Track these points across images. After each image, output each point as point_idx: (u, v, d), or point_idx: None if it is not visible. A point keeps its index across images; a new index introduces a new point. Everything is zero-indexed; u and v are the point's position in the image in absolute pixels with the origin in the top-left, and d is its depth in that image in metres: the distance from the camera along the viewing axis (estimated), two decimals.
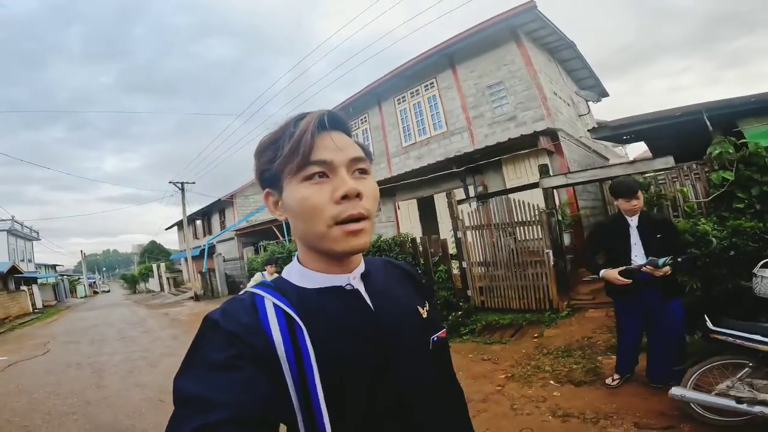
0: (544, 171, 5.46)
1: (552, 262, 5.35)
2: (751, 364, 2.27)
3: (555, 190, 6.91)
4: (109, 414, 4.16)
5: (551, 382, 3.53)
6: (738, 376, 2.30)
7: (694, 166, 4.50)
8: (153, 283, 36.66)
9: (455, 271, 6.56)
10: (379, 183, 10.53)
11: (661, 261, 2.61)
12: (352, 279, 0.66)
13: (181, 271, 30.95)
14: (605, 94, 13.91)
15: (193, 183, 19.75)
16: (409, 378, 0.64)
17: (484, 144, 8.63)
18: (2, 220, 24.73)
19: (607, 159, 12.55)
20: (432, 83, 10.55)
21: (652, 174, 4.71)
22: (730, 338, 2.24)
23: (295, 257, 0.69)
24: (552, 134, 7.63)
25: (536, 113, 8.34)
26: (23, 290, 21.93)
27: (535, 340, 4.72)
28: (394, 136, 11.53)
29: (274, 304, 0.60)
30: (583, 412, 2.89)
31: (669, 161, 4.63)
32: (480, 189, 8.45)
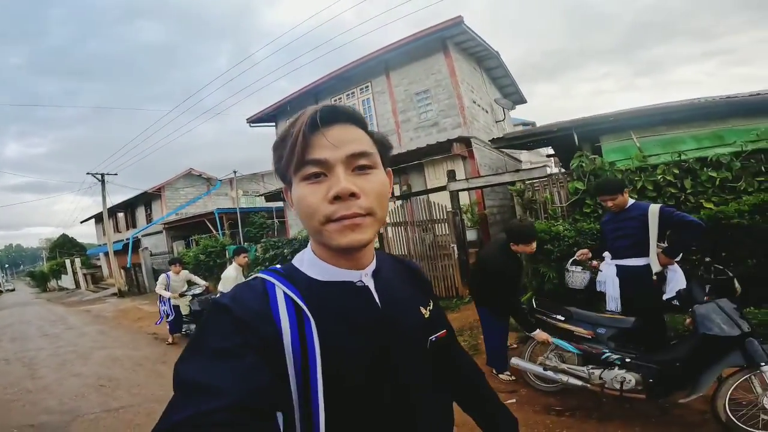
0: (451, 176, 6.36)
1: (456, 255, 6.30)
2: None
3: (467, 191, 7.95)
4: (53, 399, 4.37)
5: None
6: (550, 349, 3.00)
7: (560, 176, 5.62)
8: (67, 280, 33.54)
9: None
10: None
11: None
12: (364, 276, 0.67)
13: (100, 266, 28.83)
14: (523, 101, 15.50)
15: (115, 174, 18.62)
16: (407, 376, 0.66)
17: (409, 147, 9.47)
18: None
19: (519, 161, 14.09)
20: (367, 87, 11.16)
21: (530, 181, 5.79)
22: (543, 316, 3.00)
23: (308, 247, 0.70)
24: (466, 141, 8.65)
25: (455, 121, 9.34)
26: None
27: None
28: None
29: (285, 294, 0.61)
30: None
31: (543, 171, 5.72)
32: (405, 189, 9.30)
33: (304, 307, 0.59)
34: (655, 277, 2.81)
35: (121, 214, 24.54)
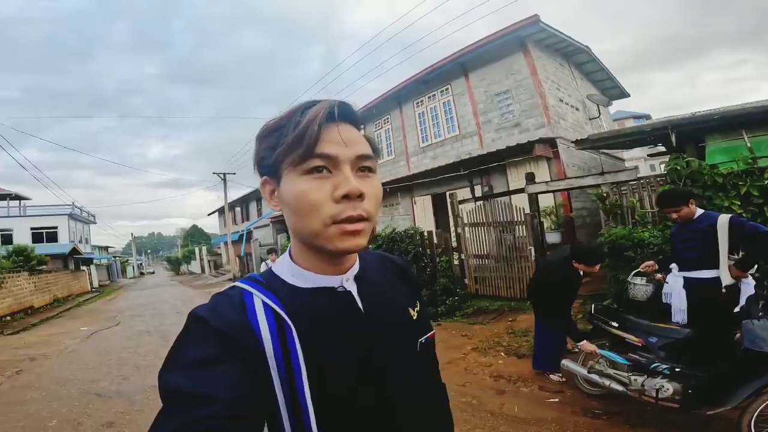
0: (529, 178, 6.31)
1: (533, 258, 6.25)
2: (607, 344, 3.02)
3: (552, 193, 7.75)
4: None
5: (502, 353, 4.58)
6: (600, 354, 2.99)
7: (651, 179, 5.26)
8: (194, 266, 39.31)
9: (455, 262, 7.57)
10: (399, 180, 11.42)
11: None
12: (345, 281, 0.65)
13: (220, 254, 33.29)
14: (624, 95, 14.16)
15: (234, 174, 21.57)
16: (394, 379, 0.65)
17: (490, 148, 9.46)
18: (65, 205, 27.22)
19: (622, 160, 12.89)
20: (447, 89, 11.37)
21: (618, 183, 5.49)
22: (599, 322, 3.05)
23: (287, 252, 0.68)
24: (550, 142, 8.38)
25: (538, 121, 9.08)
26: (83, 270, 24.58)
27: (509, 323, 5.68)
28: (413, 137, 12.49)
29: (263, 302, 0.60)
30: (511, 375, 3.92)
31: (632, 174, 5.40)
32: (486, 189, 9.33)
33: (284, 315, 0.58)
34: (724, 290, 2.69)
35: (238, 208, 28.20)
